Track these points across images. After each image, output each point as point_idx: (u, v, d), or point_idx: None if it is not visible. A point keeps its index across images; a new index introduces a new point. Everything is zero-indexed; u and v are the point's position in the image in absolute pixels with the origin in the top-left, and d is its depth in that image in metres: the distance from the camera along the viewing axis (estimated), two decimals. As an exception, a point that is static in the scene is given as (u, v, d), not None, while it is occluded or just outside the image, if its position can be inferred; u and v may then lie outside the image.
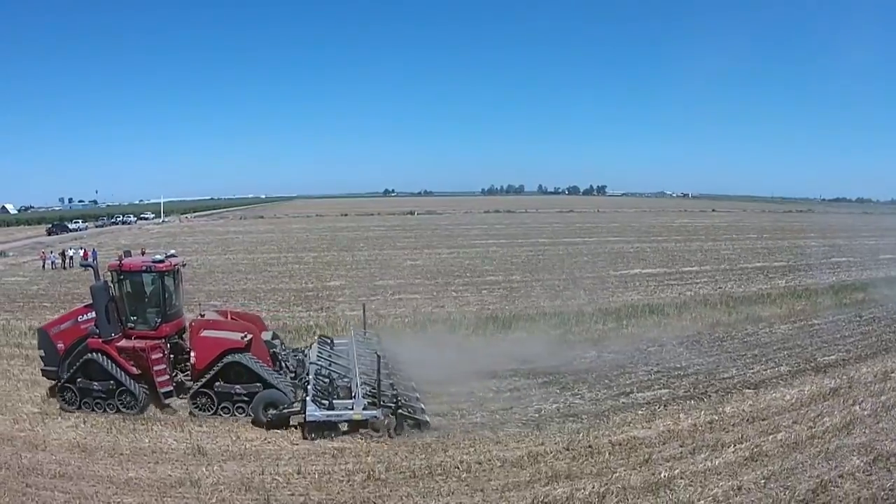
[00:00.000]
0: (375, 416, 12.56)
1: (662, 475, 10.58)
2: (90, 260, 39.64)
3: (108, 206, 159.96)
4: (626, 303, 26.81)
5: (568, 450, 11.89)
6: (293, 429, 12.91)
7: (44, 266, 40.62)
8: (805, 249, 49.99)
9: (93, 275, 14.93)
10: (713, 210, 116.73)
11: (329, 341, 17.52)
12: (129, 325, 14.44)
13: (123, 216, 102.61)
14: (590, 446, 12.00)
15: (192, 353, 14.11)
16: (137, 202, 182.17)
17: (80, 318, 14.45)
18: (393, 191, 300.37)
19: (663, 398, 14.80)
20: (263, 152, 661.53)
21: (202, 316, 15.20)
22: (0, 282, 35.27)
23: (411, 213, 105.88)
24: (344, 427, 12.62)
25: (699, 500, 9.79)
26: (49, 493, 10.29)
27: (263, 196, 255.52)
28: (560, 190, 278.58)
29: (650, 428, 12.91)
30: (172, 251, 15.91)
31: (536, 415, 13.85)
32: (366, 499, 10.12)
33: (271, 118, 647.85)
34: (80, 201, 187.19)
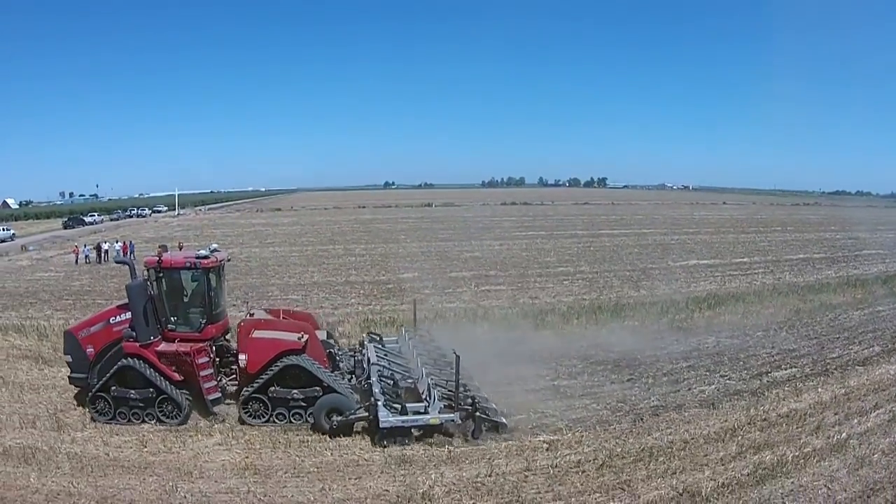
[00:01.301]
0: (452, 420, 11.97)
1: (836, 438, 11.92)
2: (129, 254, 38.75)
3: (109, 199, 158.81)
4: (707, 292, 27.93)
5: (750, 424, 12.90)
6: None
7: (77, 260, 39.26)
8: (834, 242, 51.62)
9: (129, 271, 13.66)
10: (724, 203, 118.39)
11: (379, 338, 16.89)
12: (170, 326, 13.34)
13: (138, 209, 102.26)
14: (765, 419, 13.12)
15: (243, 356, 13.06)
16: (137, 195, 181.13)
17: (111, 320, 13.31)
18: (393, 183, 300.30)
19: (796, 376, 16.12)
20: (260, 145, 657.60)
21: (251, 315, 14.29)
22: (32, 277, 34.45)
23: (429, 204, 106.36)
24: (416, 433, 11.94)
25: (873, 454, 11.27)
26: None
27: (263, 189, 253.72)
28: (560, 182, 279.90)
29: (801, 401, 14.19)
30: (215, 245, 14.99)
31: (703, 395, 14.82)
32: (612, 484, 10.33)
33: (268, 111, 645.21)
34: (80, 195, 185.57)
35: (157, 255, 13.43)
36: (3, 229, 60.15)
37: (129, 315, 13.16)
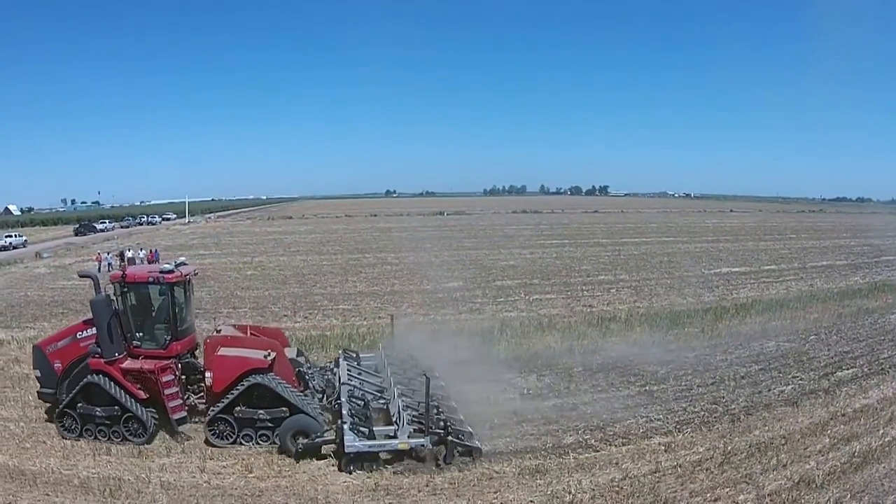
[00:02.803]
0: (423, 445, 11.50)
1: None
2: (155, 262, 38.90)
3: (111, 206, 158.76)
4: (750, 298, 28.88)
5: (833, 419, 13.98)
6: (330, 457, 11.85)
7: (99, 268, 37.48)
8: (851, 249, 52.74)
9: (93, 286, 13.15)
10: (731, 210, 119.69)
11: (355, 356, 16.38)
12: (135, 343, 12.99)
13: (148, 216, 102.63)
14: (843, 414, 14.23)
15: (209, 374, 12.72)
16: (139, 203, 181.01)
17: (78, 335, 13.05)
18: (395, 191, 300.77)
19: (857, 375, 17.26)
20: (261, 153, 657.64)
21: (218, 331, 13.94)
22: (55, 285, 33.86)
23: (441, 213, 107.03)
24: (385, 456, 11.53)
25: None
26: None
27: (264, 197, 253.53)
28: (562, 190, 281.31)
29: (869, 397, 15.40)
30: (182, 258, 14.70)
31: (784, 395, 15.68)
32: (735, 479, 10.99)
33: (269, 119, 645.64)
34: (82, 202, 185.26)
35: (122, 270, 13.18)
36: (16, 235, 59.99)
37: (95, 330, 12.83)
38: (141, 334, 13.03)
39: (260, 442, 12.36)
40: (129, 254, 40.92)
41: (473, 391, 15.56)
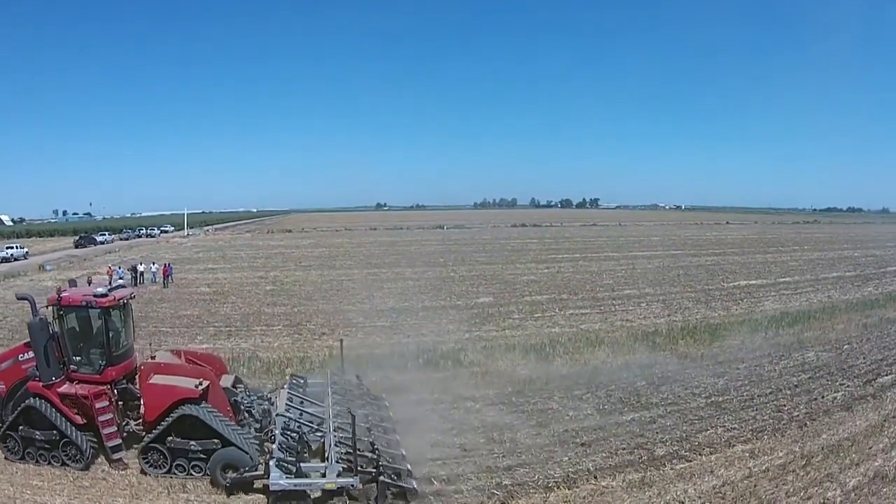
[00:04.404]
0: (352, 486, 10.98)
1: None
2: (169, 276, 39.82)
3: (103, 218, 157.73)
4: (777, 311, 29.72)
5: (886, 421, 14.87)
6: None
7: (110, 282, 38.61)
8: (856, 260, 54.11)
9: (30, 308, 12.97)
10: (727, 223, 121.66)
11: (302, 381, 15.87)
12: (72, 367, 12.76)
13: (147, 229, 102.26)
14: (894, 417, 15.14)
15: (142, 403, 12.70)
16: (129, 215, 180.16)
17: (20, 357, 12.90)
18: (385, 204, 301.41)
19: None
20: (252, 166, 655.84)
21: (153, 358, 13.67)
22: None
23: (441, 227, 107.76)
24: (317, 494, 11.06)
25: None
26: None
27: (255, 210, 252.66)
28: (553, 203, 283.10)
29: None
30: (121, 281, 14.30)
31: (837, 401, 16.50)
32: (821, 478, 11.70)
33: (260, 131, 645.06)
34: (74, 213, 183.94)
35: (57, 292, 12.85)
36: (18, 247, 59.36)
37: None
38: (78, 358, 12.80)
39: (192, 472, 12.07)
40: (140, 267, 41.14)
41: (550, 408, 16.11)
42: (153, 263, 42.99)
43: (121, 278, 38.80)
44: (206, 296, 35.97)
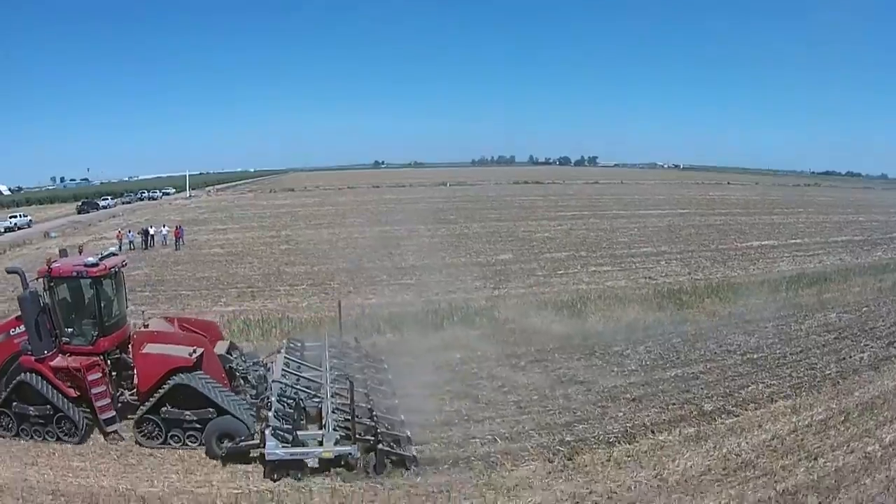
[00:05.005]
0: (350, 454, 10.85)
1: None
2: (181, 238, 39.49)
3: (101, 183, 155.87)
4: (793, 272, 30.20)
5: None
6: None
7: (120, 247, 36.96)
8: (862, 225, 54.47)
9: (20, 282, 12.56)
10: (728, 183, 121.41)
11: (299, 345, 15.58)
12: (65, 339, 12.45)
13: (149, 192, 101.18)
14: None
15: (135, 373, 12.43)
16: (127, 178, 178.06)
17: (11, 332, 12.53)
18: (383, 162, 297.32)
19: None
20: (246, 126, 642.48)
21: (146, 326, 13.34)
22: None
23: (444, 184, 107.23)
24: (314, 464, 10.79)
25: None
26: None
27: (252, 170, 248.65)
28: (551, 160, 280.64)
29: None
30: (113, 249, 14.10)
31: (864, 361, 16.94)
32: (859, 434, 12.20)
33: (256, 91, 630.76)
34: (71, 180, 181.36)
35: (47, 264, 12.46)
36: (21, 216, 58.43)
37: None
38: (70, 330, 12.48)
39: (188, 443, 11.90)
40: (151, 230, 40.67)
41: (594, 364, 16.53)
42: (164, 226, 42.46)
43: (131, 242, 39.00)
44: (221, 257, 35.83)
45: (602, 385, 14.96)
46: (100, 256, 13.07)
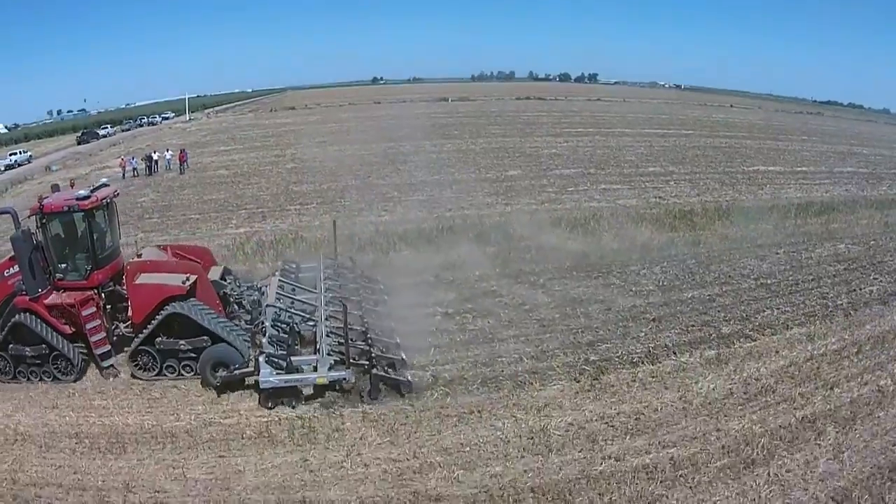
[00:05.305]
0: (344, 379, 10.77)
1: None
2: (185, 162, 38.70)
3: (98, 113, 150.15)
4: (801, 200, 29.94)
5: None
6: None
7: (123, 174, 36.78)
8: (867, 158, 53.32)
9: (13, 221, 12.35)
10: (731, 106, 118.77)
11: (294, 267, 15.33)
12: (58, 276, 12.28)
13: (148, 117, 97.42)
14: None
15: (130, 304, 12.27)
16: (124, 106, 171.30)
17: (5, 273, 12.32)
18: (382, 78, 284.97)
19: None
20: (242, 46, 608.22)
21: (139, 256, 13.16)
22: None
23: (446, 99, 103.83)
24: (308, 390, 10.78)
25: None
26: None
27: (250, 90, 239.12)
28: (551, 77, 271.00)
29: None
30: (104, 180, 14.15)
31: (872, 294, 16.97)
32: (872, 366, 12.33)
33: (247, 9, 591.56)
34: (68, 111, 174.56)
35: (39, 201, 12.23)
36: (21, 152, 56.23)
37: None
38: (63, 266, 12.31)
39: (184, 373, 11.88)
40: (155, 156, 39.60)
41: (611, 283, 16.56)
42: (167, 150, 41.20)
43: (135, 168, 37.85)
44: (227, 178, 35.14)
45: (621, 304, 15.05)
46: (91, 189, 12.74)
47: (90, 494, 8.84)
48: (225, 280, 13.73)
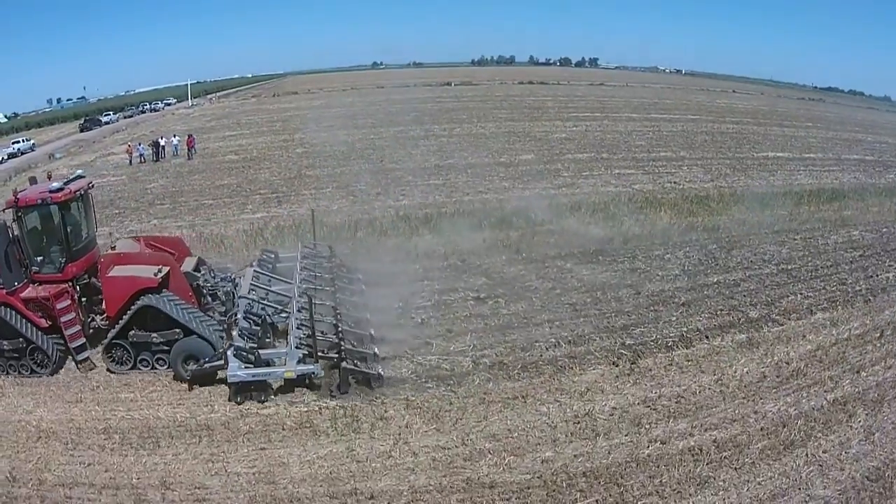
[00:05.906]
0: (313, 373, 10.57)
1: None
2: (193, 148, 38.42)
3: (97, 100, 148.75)
4: (813, 186, 30.22)
5: None
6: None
7: (130, 161, 36.69)
8: (871, 146, 53.34)
9: None
10: (733, 91, 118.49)
11: (272, 257, 15.12)
12: (35, 269, 12.27)
13: (150, 103, 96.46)
14: None
15: (103, 297, 12.23)
16: (124, 93, 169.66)
17: None
18: (381, 63, 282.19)
19: None
20: (241, 31, 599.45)
21: (113, 248, 13.19)
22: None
23: (449, 83, 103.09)
24: (279, 383, 10.69)
25: None
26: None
27: (250, 75, 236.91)
28: (552, 61, 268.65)
29: None
30: (80, 171, 14.11)
31: (888, 281, 17.15)
32: (886, 354, 12.60)
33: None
34: (68, 99, 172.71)
35: (14, 194, 12.15)
36: (24, 140, 55.94)
37: None
38: (40, 259, 12.27)
39: (157, 366, 11.84)
40: (162, 142, 39.47)
41: (637, 268, 16.78)
42: (174, 136, 40.97)
43: (142, 155, 37.53)
44: (237, 163, 34.95)
45: (650, 289, 15.27)
46: (65, 181, 12.72)
47: (125, 493, 8.49)
48: (199, 271, 13.61)
